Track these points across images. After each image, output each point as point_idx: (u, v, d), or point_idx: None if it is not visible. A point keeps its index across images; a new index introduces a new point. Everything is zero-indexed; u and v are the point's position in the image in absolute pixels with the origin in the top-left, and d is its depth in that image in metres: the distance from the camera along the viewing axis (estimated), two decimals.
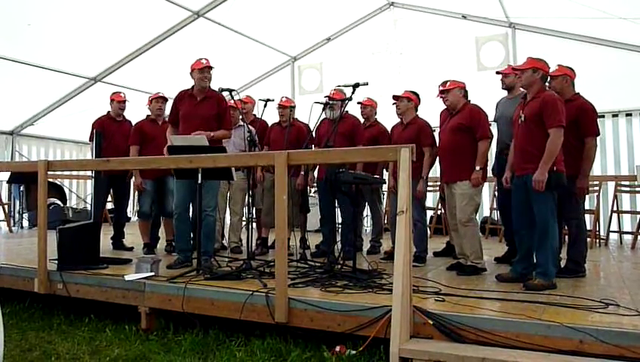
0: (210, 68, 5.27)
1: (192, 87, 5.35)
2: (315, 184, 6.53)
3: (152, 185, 6.29)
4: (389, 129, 6.26)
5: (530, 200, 4.22)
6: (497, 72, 5.49)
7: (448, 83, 5.15)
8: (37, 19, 7.75)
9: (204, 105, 5.25)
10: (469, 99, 5.13)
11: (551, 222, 4.16)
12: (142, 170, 6.16)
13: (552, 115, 4.12)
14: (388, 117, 6.22)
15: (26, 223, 10.23)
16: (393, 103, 5.77)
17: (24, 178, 9.03)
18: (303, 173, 6.20)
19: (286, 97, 6.61)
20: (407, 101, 5.65)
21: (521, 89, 4.80)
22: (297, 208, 6.33)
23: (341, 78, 6.12)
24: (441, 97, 5.32)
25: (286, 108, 6.38)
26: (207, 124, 5.16)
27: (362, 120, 6.41)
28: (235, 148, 6.15)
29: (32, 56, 8.61)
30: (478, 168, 4.85)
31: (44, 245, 4.94)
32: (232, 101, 6.21)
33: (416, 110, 5.77)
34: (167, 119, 6.37)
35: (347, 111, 6.00)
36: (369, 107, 6.41)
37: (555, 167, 4.12)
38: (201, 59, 5.30)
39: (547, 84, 4.69)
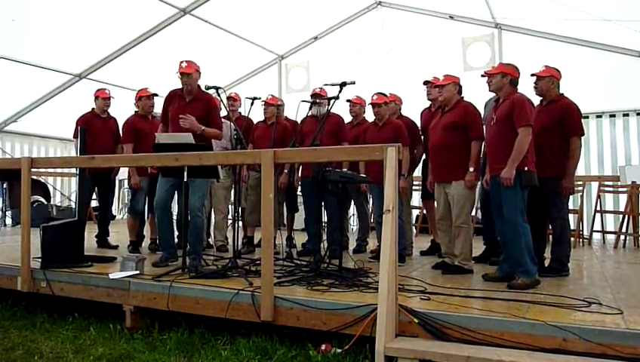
0: (188, 74, 5.12)
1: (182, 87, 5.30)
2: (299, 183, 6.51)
3: (148, 183, 6.21)
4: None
5: (501, 198, 4.28)
6: (483, 75, 5.51)
7: (442, 77, 5.08)
8: (21, 15, 7.66)
9: (192, 107, 5.17)
10: (462, 95, 5.08)
11: (520, 221, 4.21)
12: (138, 168, 6.09)
13: (520, 115, 4.20)
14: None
15: (9, 221, 10.09)
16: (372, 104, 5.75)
17: (7, 175, 8.90)
18: (286, 171, 6.18)
19: (272, 95, 6.58)
20: (385, 105, 5.64)
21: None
22: (281, 206, 6.33)
23: (328, 76, 6.10)
24: (434, 97, 5.28)
25: (271, 105, 6.35)
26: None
27: (351, 118, 6.43)
28: (217, 146, 6.11)
29: (16, 53, 8.51)
30: (472, 170, 4.79)
31: (27, 243, 4.89)
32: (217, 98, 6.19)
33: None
34: (156, 115, 6.32)
35: (330, 109, 6.01)
36: (358, 105, 6.40)
37: (526, 167, 4.19)
38: (182, 62, 5.21)
39: (534, 84, 4.77)
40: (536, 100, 4.74)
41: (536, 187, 4.33)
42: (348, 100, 6.28)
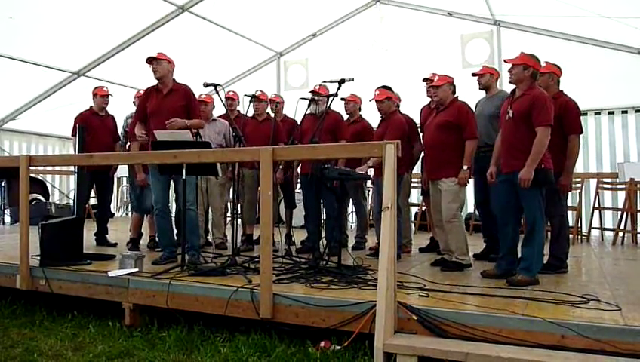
0: (158, 59, 5.14)
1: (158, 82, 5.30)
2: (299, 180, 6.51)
3: None
4: (373, 125, 6.26)
5: (519, 196, 4.25)
6: (473, 74, 5.51)
7: (437, 78, 5.10)
8: (19, 12, 7.64)
9: (170, 98, 5.18)
10: (456, 94, 5.09)
11: (538, 218, 4.19)
12: (144, 166, 6.08)
13: (541, 114, 4.11)
14: (373, 113, 6.22)
15: (7, 219, 10.10)
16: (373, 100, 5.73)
17: (5, 173, 8.89)
18: (281, 167, 6.16)
19: (261, 90, 6.49)
20: (388, 100, 5.60)
21: (510, 85, 4.79)
22: (277, 203, 6.31)
23: (327, 73, 6.09)
24: (432, 95, 5.27)
25: (262, 101, 6.33)
26: (176, 117, 5.07)
27: (346, 116, 6.42)
28: (213, 143, 6.09)
29: (14, 50, 8.50)
30: (465, 168, 4.83)
31: (26, 241, 4.89)
32: (204, 95, 6.19)
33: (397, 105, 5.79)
34: None
35: (329, 107, 6.01)
36: (352, 103, 6.40)
37: (543, 165, 4.14)
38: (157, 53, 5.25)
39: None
40: None
41: (552, 184, 4.30)
42: (342, 98, 6.26)
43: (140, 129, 5.31)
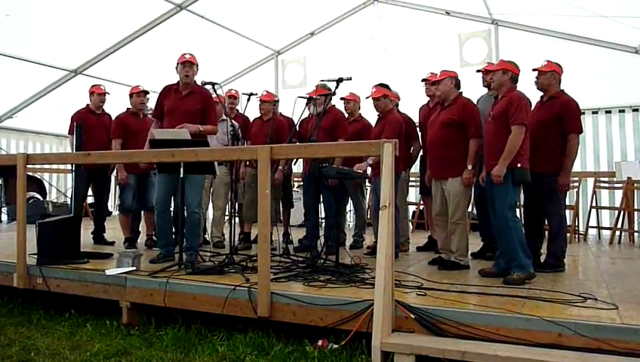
0: (192, 63, 5.16)
1: (178, 81, 5.25)
2: (297, 179, 6.51)
3: (135, 179, 6.23)
4: (373, 123, 6.26)
5: (493, 193, 4.32)
6: (478, 71, 5.52)
7: (439, 73, 5.05)
8: (16, 10, 7.62)
9: (189, 100, 5.16)
10: (460, 90, 5.02)
11: (509, 215, 4.25)
12: (126, 164, 6.09)
13: (515, 113, 4.21)
14: (372, 112, 6.23)
15: (4, 217, 10.06)
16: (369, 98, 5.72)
17: (2, 171, 8.86)
18: (280, 167, 6.17)
19: (267, 91, 6.54)
20: (384, 98, 5.58)
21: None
22: (277, 203, 6.32)
23: (325, 72, 6.08)
24: (430, 91, 5.26)
25: (266, 102, 6.35)
26: (192, 119, 5.07)
27: (346, 115, 6.41)
28: (219, 142, 6.11)
29: (12, 48, 8.48)
30: (470, 167, 4.77)
31: (23, 239, 4.89)
32: (215, 95, 6.18)
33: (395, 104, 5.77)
34: (148, 113, 6.32)
35: (334, 105, 6.01)
36: (352, 102, 6.39)
37: (519, 164, 4.20)
38: (186, 53, 5.22)
39: (535, 79, 4.75)
40: (536, 96, 4.73)
41: (529, 183, 4.34)
42: (341, 98, 6.26)
43: (155, 126, 5.30)
